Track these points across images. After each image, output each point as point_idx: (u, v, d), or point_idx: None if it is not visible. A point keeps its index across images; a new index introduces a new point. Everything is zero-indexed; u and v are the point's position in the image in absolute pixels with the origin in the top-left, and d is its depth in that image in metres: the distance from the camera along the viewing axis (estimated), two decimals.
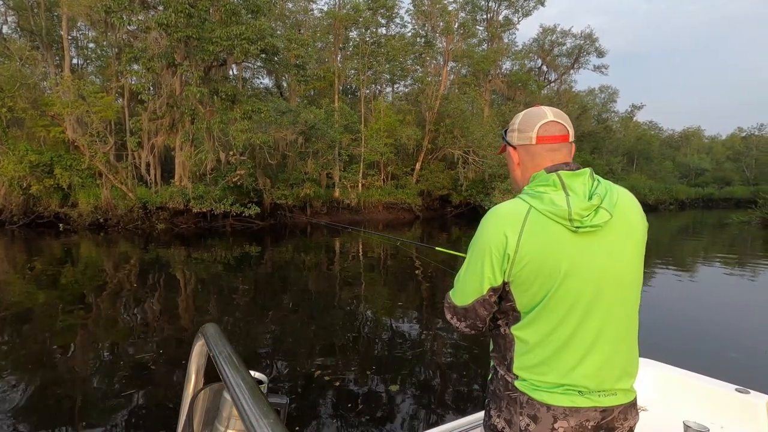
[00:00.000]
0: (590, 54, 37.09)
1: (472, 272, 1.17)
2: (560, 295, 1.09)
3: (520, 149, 1.22)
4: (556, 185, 1.11)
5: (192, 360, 0.99)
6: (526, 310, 1.13)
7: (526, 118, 1.21)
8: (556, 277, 1.08)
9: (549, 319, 1.10)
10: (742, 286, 9.27)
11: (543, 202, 1.09)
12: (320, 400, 3.92)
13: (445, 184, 26.59)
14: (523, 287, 1.11)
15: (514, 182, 1.28)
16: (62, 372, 4.49)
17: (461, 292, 1.20)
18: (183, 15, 16.40)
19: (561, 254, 1.08)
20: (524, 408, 1.11)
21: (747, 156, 56.26)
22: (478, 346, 5.20)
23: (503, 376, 1.18)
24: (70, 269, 10.11)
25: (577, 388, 1.09)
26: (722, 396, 2.12)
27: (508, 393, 1.15)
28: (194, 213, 18.32)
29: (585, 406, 1.09)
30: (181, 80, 18.04)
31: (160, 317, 6.49)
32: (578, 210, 1.07)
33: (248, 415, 0.64)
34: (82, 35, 24.19)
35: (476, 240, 1.17)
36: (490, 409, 1.20)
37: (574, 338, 1.10)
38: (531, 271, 1.09)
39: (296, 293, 8.31)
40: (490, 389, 1.23)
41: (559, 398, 1.09)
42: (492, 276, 1.13)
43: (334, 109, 23.80)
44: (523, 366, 1.14)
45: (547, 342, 1.11)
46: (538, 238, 1.08)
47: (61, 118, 17.08)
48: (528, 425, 1.10)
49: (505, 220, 1.11)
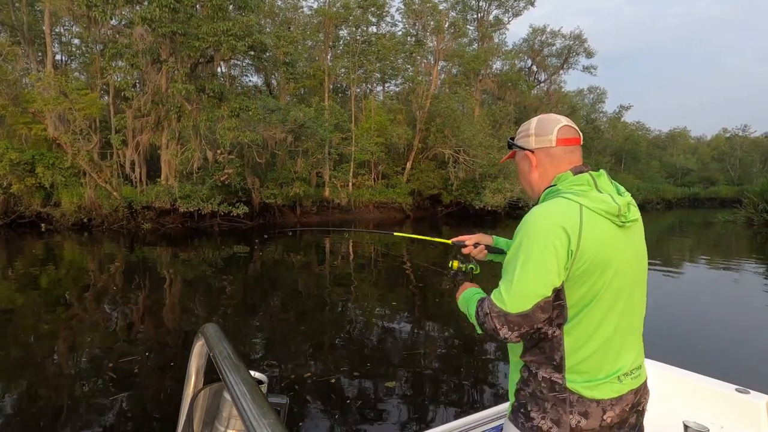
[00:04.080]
0: (579, 54, 37.47)
1: (533, 274, 1.10)
2: (609, 289, 1.14)
3: (539, 152, 1.26)
4: (590, 184, 1.17)
5: (192, 360, 0.99)
6: (577, 307, 1.14)
7: (542, 123, 1.26)
8: (607, 272, 1.12)
9: (597, 313, 1.14)
10: (729, 283, 9.34)
11: (592, 200, 1.13)
12: (316, 400, 3.85)
13: (435, 183, 26.57)
14: (578, 284, 1.12)
15: (529, 186, 1.31)
16: (47, 375, 4.36)
17: (519, 297, 1.10)
18: (168, 10, 16.09)
19: (612, 249, 1.13)
20: (574, 406, 1.13)
21: (731, 156, 57.33)
22: (472, 343, 5.13)
23: (547, 378, 1.16)
24: (53, 270, 9.83)
25: (617, 375, 1.16)
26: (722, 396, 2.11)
27: (555, 394, 1.15)
28: (181, 212, 18.03)
29: (625, 392, 1.16)
30: (167, 77, 17.71)
31: (146, 319, 6.32)
32: (622, 206, 1.14)
33: (248, 415, 0.64)
34: (66, 31, 23.69)
35: (534, 241, 1.11)
36: (530, 411, 1.18)
37: (617, 330, 1.16)
38: (589, 267, 1.11)
39: (286, 293, 8.16)
40: (525, 392, 1.20)
41: (606, 391, 1.14)
42: (557, 276, 1.10)
43: (324, 107, 23.62)
44: (575, 364, 1.14)
45: (596, 337, 1.14)
46: (595, 235, 1.11)
47: (42, 116, 16.67)
48: (579, 422, 1.13)
49: (562, 219, 1.11)
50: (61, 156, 17.14)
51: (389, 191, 25.74)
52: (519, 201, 25.06)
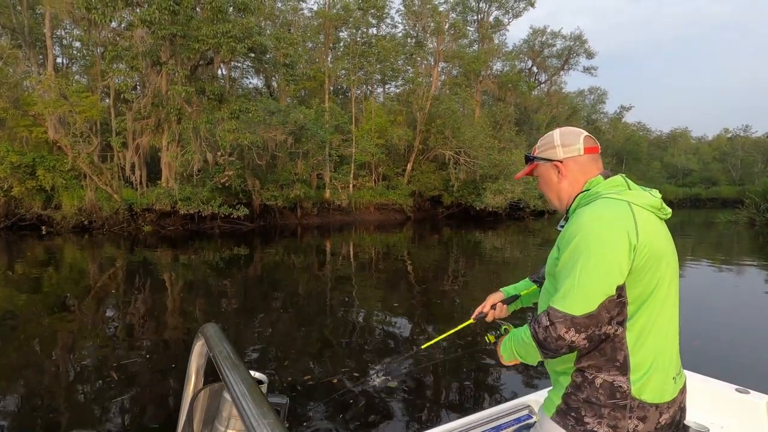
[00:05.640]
0: (580, 55, 37.45)
1: (595, 274, 1.10)
2: (663, 281, 1.17)
3: (568, 162, 1.31)
4: (624, 185, 1.24)
5: (192, 360, 0.99)
6: (637, 303, 1.14)
7: (565, 134, 1.33)
8: (661, 264, 1.16)
9: (655, 307, 1.16)
10: (730, 284, 9.30)
11: (636, 197, 1.19)
12: (316, 401, 3.83)
13: (436, 185, 26.54)
14: (638, 278, 1.13)
15: (557, 195, 1.34)
16: (48, 377, 4.34)
17: (583, 298, 1.10)
18: (167, 12, 16.10)
19: (662, 241, 1.19)
20: (634, 411, 1.13)
21: (733, 156, 57.21)
22: (474, 345, 5.10)
23: (608, 383, 1.14)
24: (54, 273, 9.81)
25: (673, 376, 1.18)
26: (722, 396, 2.11)
27: (615, 401, 1.13)
28: (181, 215, 18.01)
29: (677, 394, 1.19)
30: (167, 79, 17.72)
31: (146, 321, 6.29)
32: (659, 200, 1.22)
33: (248, 415, 0.64)
34: (67, 34, 23.74)
35: (592, 241, 1.12)
36: (584, 416, 1.16)
37: (671, 323, 1.19)
38: (647, 261, 1.13)
39: (287, 295, 8.13)
40: (578, 397, 1.18)
41: (665, 394, 1.16)
42: (619, 274, 1.11)
43: (325, 109, 23.61)
44: (639, 362, 1.14)
45: (655, 332, 1.16)
46: (648, 229, 1.15)
47: (43, 118, 16.69)
48: (636, 426, 1.13)
49: (617, 217, 1.14)
50: (61, 159, 17.14)
51: (390, 193, 25.71)
52: (520, 202, 25.01)
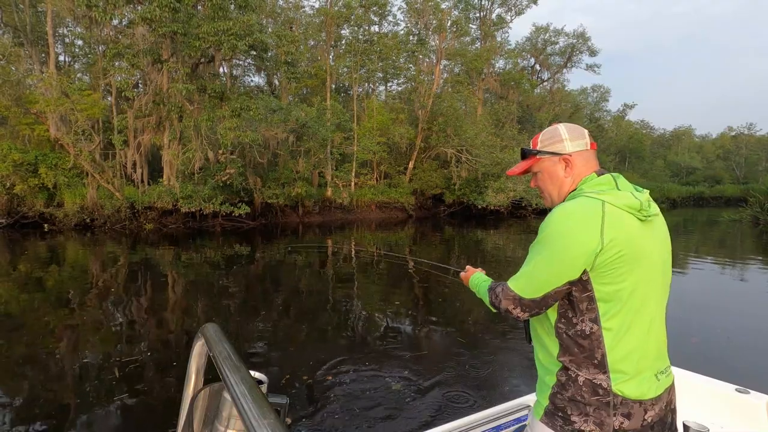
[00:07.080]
0: (582, 53, 37.26)
1: (548, 266, 1.18)
2: (642, 282, 1.17)
3: (576, 155, 1.31)
4: (611, 184, 1.25)
5: (192, 360, 0.99)
6: (611, 301, 1.16)
7: (571, 129, 1.33)
8: (638, 265, 1.16)
9: (633, 307, 1.16)
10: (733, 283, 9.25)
11: (615, 197, 1.19)
12: (316, 401, 3.81)
13: (438, 183, 26.48)
14: (608, 276, 1.15)
15: (557, 190, 1.34)
16: (50, 375, 4.35)
17: (533, 286, 1.21)
18: (168, 9, 16.06)
19: (640, 242, 1.17)
20: (618, 408, 1.15)
21: (737, 155, 56.98)
22: (476, 343, 5.08)
23: (590, 381, 1.17)
24: (56, 270, 9.83)
25: (656, 373, 1.20)
26: (722, 396, 2.11)
27: (598, 398, 1.15)
28: (183, 213, 18.02)
29: (662, 391, 1.20)
30: (168, 77, 17.70)
31: (148, 319, 6.30)
32: (643, 201, 1.20)
33: (248, 415, 0.64)
34: (69, 32, 23.74)
35: (550, 235, 1.19)
36: (570, 415, 1.18)
37: (653, 324, 1.20)
38: (617, 259, 1.14)
39: (288, 293, 8.12)
40: (563, 396, 1.20)
41: (647, 391, 1.17)
42: (571, 268, 1.15)
43: (326, 107, 23.56)
44: (617, 360, 1.15)
45: (634, 331, 1.16)
46: (621, 228, 1.15)
47: (45, 116, 16.70)
48: (622, 423, 1.14)
49: (582, 215, 1.16)
50: (63, 156, 17.15)
51: (391, 191, 25.67)
52: (522, 200, 24.94)
